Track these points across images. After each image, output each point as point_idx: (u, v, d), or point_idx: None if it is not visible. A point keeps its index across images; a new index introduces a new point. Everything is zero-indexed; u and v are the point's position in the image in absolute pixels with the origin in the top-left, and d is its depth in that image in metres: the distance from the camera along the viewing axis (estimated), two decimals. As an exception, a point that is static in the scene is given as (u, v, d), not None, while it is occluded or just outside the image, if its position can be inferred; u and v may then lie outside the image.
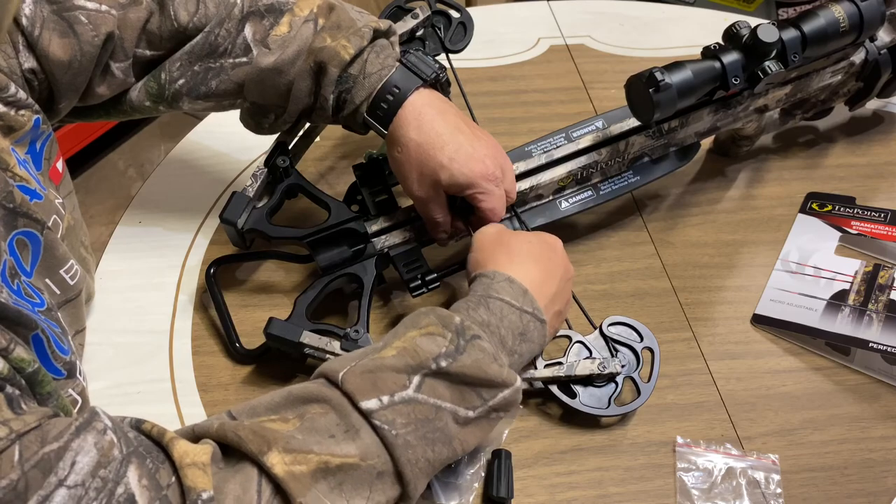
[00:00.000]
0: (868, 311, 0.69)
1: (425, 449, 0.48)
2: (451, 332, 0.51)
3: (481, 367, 0.50)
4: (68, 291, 0.60)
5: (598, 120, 0.76)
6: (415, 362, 0.50)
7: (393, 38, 0.66)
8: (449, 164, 0.61)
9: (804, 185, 0.83)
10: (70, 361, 0.54)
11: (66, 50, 0.58)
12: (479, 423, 0.52)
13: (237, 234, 0.67)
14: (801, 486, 0.60)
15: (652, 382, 0.63)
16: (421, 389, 0.49)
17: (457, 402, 0.50)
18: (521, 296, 0.55)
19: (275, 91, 0.64)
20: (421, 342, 0.51)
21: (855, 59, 0.79)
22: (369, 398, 0.48)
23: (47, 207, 0.58)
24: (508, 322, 0.54)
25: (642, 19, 1.06)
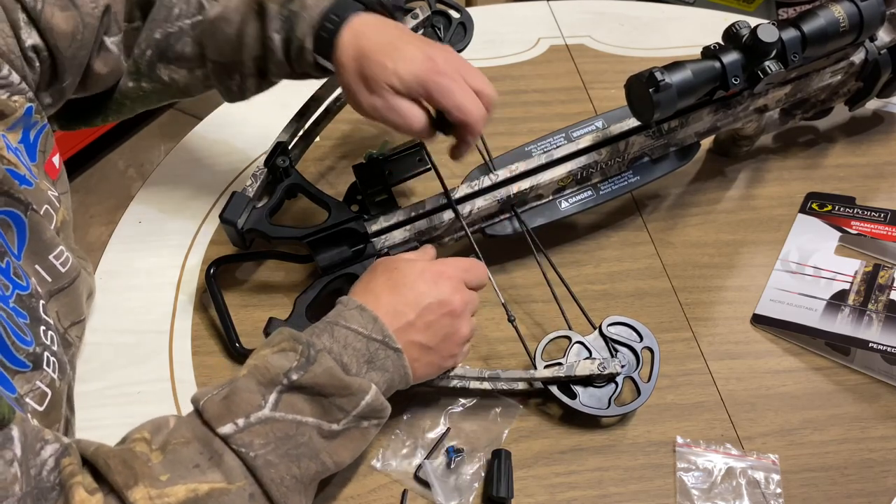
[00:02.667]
0: (868, 311, 0.69)
1: (289, 466, 0.48)
2: (301, 345, 0.51)
3: (334, 375, 0.50)
4: (60, 279, 0.60)
5: (598, 120, 0.76)
6: (266, 379, 0.49)
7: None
8: (394, 64, 0.57)
9: (804, 185, 0.83)
10: (34, 353, 0.53)
11: (69, 21, 0.59)
12: (349, 435, 0.52)
13: (237, 234, 0.67)
14: (801, 486, 0.60)
15: (652, 382, 0.63)
16: (278, 407, 0.49)
17: (318, 415, 0.50)
18: (370, 323, 0.54)
19: (228, 43, 0.64)
20: (272, 359, 0.50)
21: (855, 59, 0.79)
22: (225, 423, 0.47)
23: (38, 196, 0.58)
24: (353, 350, 0.52)
25: (642, 19, 1.06)
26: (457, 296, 0.57)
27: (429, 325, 0.56)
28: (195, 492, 0.45)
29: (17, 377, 0.51)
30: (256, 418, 0.48)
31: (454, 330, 0.58)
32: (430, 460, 0.60)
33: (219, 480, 0.46)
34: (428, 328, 0.56)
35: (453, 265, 0.59)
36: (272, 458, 0.48)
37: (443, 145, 0.87)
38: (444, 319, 0.57)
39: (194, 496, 0.45)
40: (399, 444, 0.61)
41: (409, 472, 0.60)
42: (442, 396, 0.64)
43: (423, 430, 0.62)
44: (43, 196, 0.59)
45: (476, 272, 0.61)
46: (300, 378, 0.49)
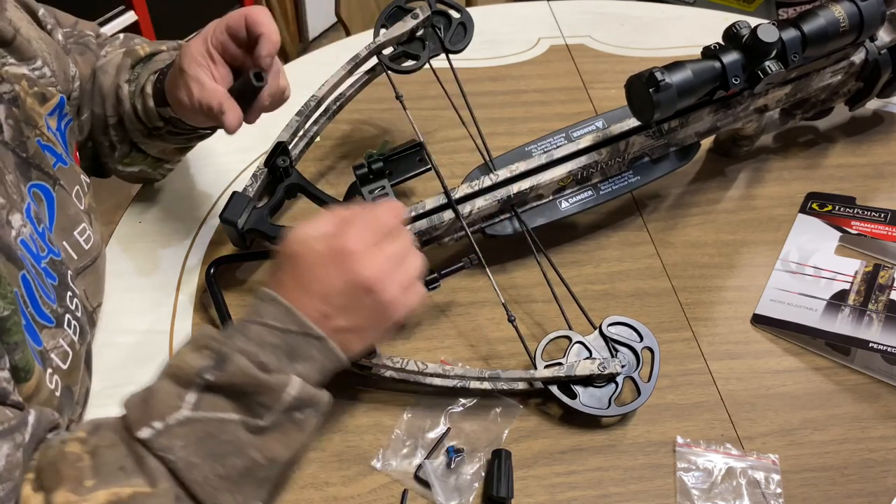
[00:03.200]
0: (868, 311, 0.69)
1: (213, 465, 0.47)
2: (216, 343, 0.49)
3: (248, 374, 0.48)
4: (84, 257, 0.63)
5: (598, 120, 0.76)
6: (181, 379, 0.48)
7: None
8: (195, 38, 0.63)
9: (804, 185, 0.83)
10: (57, 311, 0.55)
11: (87, 65, 0.71)
12: (280, 429, 0.50)
13: (237, 234, 0.67)
14: (801, 486, 0.60)
15: (652, 382, 0.63)
16: (200, 407, 0.48)
17: (242, 412, 0.48)
18: (284, 316, 0.51)
19: (99, 92, 0.71)
20: (188, 357, 0.49)
21: (855, 59, 0.79)
22: (143, 427, 0.47)
23: (72, 176, 0.64)
24: (270, 346, 0.50)
25: (642, 19, 1.06)
26: (367, 269, 0.52)
27: (345, 309, 0.52)
28: (117, 495, 0.45)
29: (43, 331, 0.53)
30: (175, 420, 0.47)
31: (380, 302, 0.53)
32: (430, 460, 0.60)
33: (142, 484, 0.45)
34: (346, 312, 0.52)
35: (354, 231, 0.53)
36: (194, 459, 0.47)
37: (443, 145, 0.87)
38: (362, 299, 0.53)
39: (116, 500, 0.45)
40: (399, 444, 0.61)
41: (409, 472, 0.60)
42: (442, 396, 0.64)
43: (423, 430, 0.62)
44: (76, 177, 0.64)
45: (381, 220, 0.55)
46: (215, 379, 0.48)
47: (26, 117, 0.59)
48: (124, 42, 0.76)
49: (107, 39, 0.77)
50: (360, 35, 1.08)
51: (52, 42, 0.66)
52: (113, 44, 0.75)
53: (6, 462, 0.43)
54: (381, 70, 0.76)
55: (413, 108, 0.73)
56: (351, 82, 0.77)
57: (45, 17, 0.66)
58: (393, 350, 0.68)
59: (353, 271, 0.52)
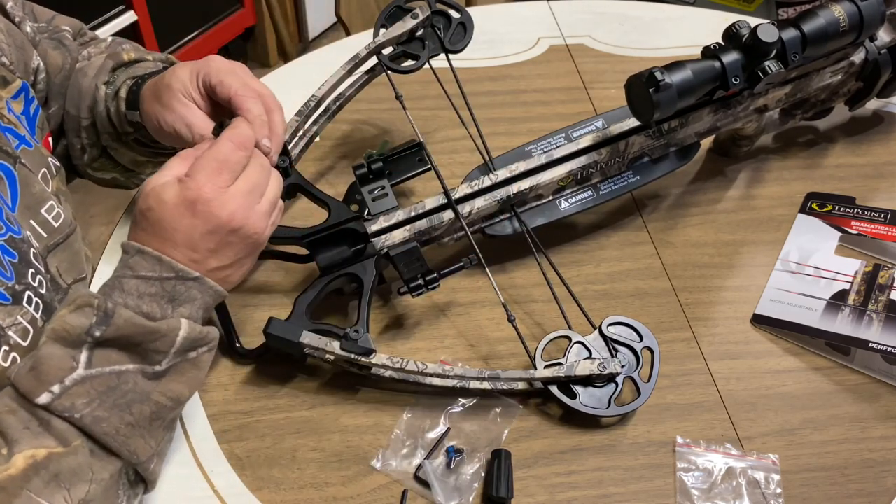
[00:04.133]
0: (868, 311, 0.69)
1: (121, 415, 0.49)
2: (97, 300, 0.49)
3: (136, 324, 0.49)
4: (54, 234, 0.63)
5: (598, 120, 0.76)
6: (69, 340, 0.49)
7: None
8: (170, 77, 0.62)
9: (804, 185, 0.83)
10: (13, 288, 0.55)
11: (59, 57, 0.70)
12: (178, 369, 0.52)
13: (237, 234, 0.67)
14: (801, 486, 0.60)
15: (652, 382, 0.63)
16: (92, 364, 0.49)
17: (138, 361, 0.50)
18: (156, 264, 0.52)
19: (77, 93, 0.71)
20: (70, 318, 0.49)
21: (855, 58, 0.79)
22: (40, 393, 0.47)
23: (38, 158, 0.63)
24: (149, 297, 0.52)
25: (642, 19, 1.06)
26: (225, 211, 0.53)
27: (215, 252, 0.54)
28: (34, 457, 0.46)
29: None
30: (72, 380, 0.48)
31: (246, 235, 0.55)
32: (430, 460, 0.60)
33: (54, 445, 0.47)
34: (216, 254, 0.54)
35: (204, 175, 0.53)
36: (100, 413, 0.48)
37: (443, 145, 0.87)
38: (228, 238, 0.54)
39: (33, 462, 0.45)
40: (399, 444, 0.61)
41: (409, 472, 0.60)
42: (442, 396, 0.64)
43: (423, 430, 0.62)
44: (42, 159, 0.64)
45: (230, 160, 0.54)
46: (104, 334, 0.49)
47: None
48: (111, 46, 0.75)
49: (91, 40, 0.77)
50: (360, 35, 1.08)
51: (17, 33, 0.65)
52: (98, 45, 0.75)
53: None
54: (380, 70, 0.76)
55: (413, 108, 0.73)
56: (351, 82, 0.77)
57: (14, 9, 0.67)
58: (393, 350, 0.68)
59: (212, 216, 0.53)
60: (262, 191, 0.56)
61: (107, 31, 1.75)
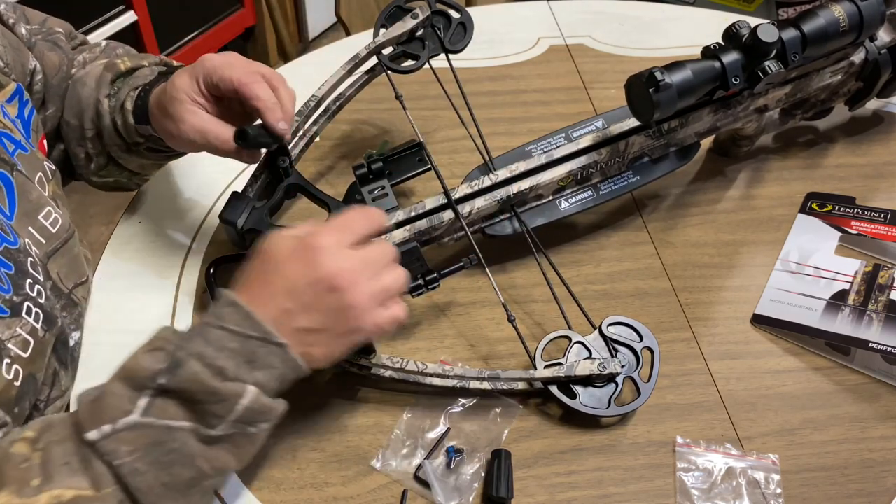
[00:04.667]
0: (868, 311, 0.69)
1: (158, 474, 0.46)
2: (172, 346, 0.48)
3: (200, 381, 0.47)
4: (53, 240, 0.63)
5: (598, 120, 0.76)
6: (135, 382, 0.47)
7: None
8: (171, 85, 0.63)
9: (804, 185, 0.83)
10: (11, 300, 0.54)
11: (56, 58, 0.70)
12: (231, 440, 0.49)
13: (237, 234, 0.67)
14: (801, 486, 0.60)
15: (652, 382, 0.63)
16: (150, 412, 0.47)
17: (194, 420, 0.47)
18: (243, 320, 0.49)
19: (76, 104, 0.71)
20: (142, 359, 0.48)
21: (855, 58, 0.79)
22: (91, 428, 0.46)
23: (33, 162, 0.63)
24: (228, 352, 0.48)
25: (642, 19, 1.06)
26: (335, 266, 0.51)
27: (309, 307, 0.50)
28: (58, 499, 0.44)
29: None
30: (124, 424, 0.46)
31: (344, 303, 0.51)
32: (430, 460, 0.60)
33: (86, 487, 0.45)
34: (309, 309, 0.50)
35: (327, 229, 0.52)
36: (139, 466, 0.46)
37: (443, 145, 0.87)
38: (326, 297, 0.50)
39: (56, 503, 0.44)
40: (399, 444, 0.61)
41: (409, 472, 0.60)
42: (442, 396, 0.64)
43: (423, 430, 0.62)
44: (38, 164, 0.64)
45: (357, 224, 0.54)
46: (167, 383, 0.47)
47: None
48: (105, 51, 0.75)
49: (82, 43, 0.77)
50: (360, 35, 1.08)
51: (11, 36, 0.65)
52: (93, 51, 0.75)
53: None
54: (380, 70, 0.76)
55: (413, 108, 0.73)
56: (351, 82, 0.77)
57: (7, 11, 0.67)
58: (393, 350, 0.68)
59: (317, 265, 0.50)
60: (377, 271, 0.53)
61: (107, 32, 1.75)
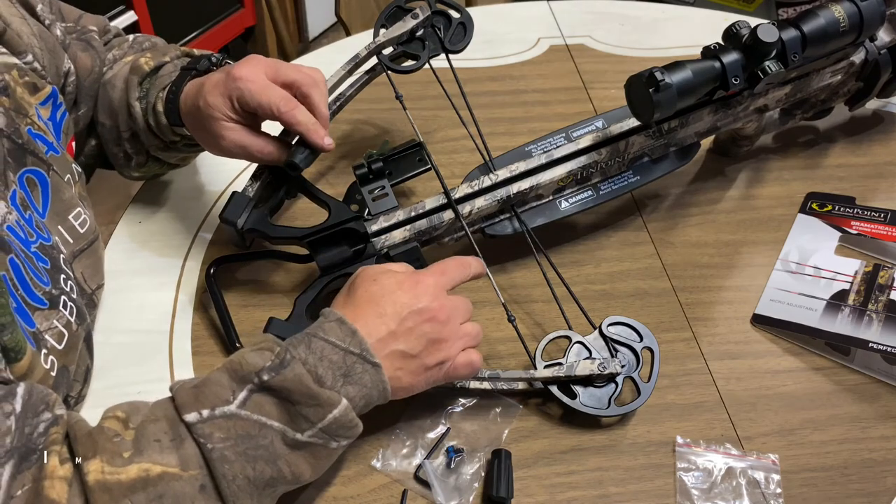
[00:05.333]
0: (868, 311, 0.69)
1: (244, 465, 0.48)
2: (279, 347, 0.51)
3: (303, 382, 0.50)
4: (80, 240, 0.64)
5: (598, 120, 0.76)
6: (238, 375, 0.50)
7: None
8: (203, 101, 0.63)
9: (804, 185, 0.83)
10: (51, 293, 0.56)
11: (88, 59, 0.71)
12: (313, 450, 0.51)
13: (237, 234, 0.67)
14: (801, 486, 0.60)
15: (652, 382, 0.63)
16: (246, 405, 0.49)
17: (285, 421, 0.50)
18: (348, 336, 0.53)
19: (107, 106, 0.72)
20: (248, 356, 0.51)
21: (855, 59, 0.79)
22: (191, 411, 0.48)
23: (63, 164, 0.64)
24: (329, 362, 0.52)
25: (642, 19, 1.06)
26: (436, 302, 0.57)
27: (410, 332, 0.55)
28: (147, 472, 0.46)
29: (36, 313, 0.54)
30: (221, 412, 0.49)
31: (439, 335, 0.56)
32: (430, 460, 0.60)
33: (173, 465, 0.47)
34: (409, 335, 0.56)
35: (430, 272, 0.59)
36: (229, 454, 0.48)
37: (443, 145, 0.87)
38: (425, 325, 0.56)
39: (145, 476, 0.46)
40: (399, 444, 0.61)
41: (409, 472, 0.60)
42: (442, 396, 0.64)
43: (423, 430, 0.62)
44: (67, 165, 0.65)
45: (454, 272, 0.60)
46: (270, 379, 0.50)
47: (17, 106, 0.59)
48: (133, 46, 0.77)
49: (115, 36, 0.78)
50: (360, 35, 1.08)
51: (49, 36, 0.66)
52: (122, 46, 0.76)
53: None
54: (380, 70, 0.76)
55: (413, 108, 0.73)
56: (351, 82, 0.77)
57: (44, 11, 0.67)
58: (393, 350, 0.68)
59: (422, 296, 0.57)
60: (466, 318, 0.59)
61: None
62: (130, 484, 0.45)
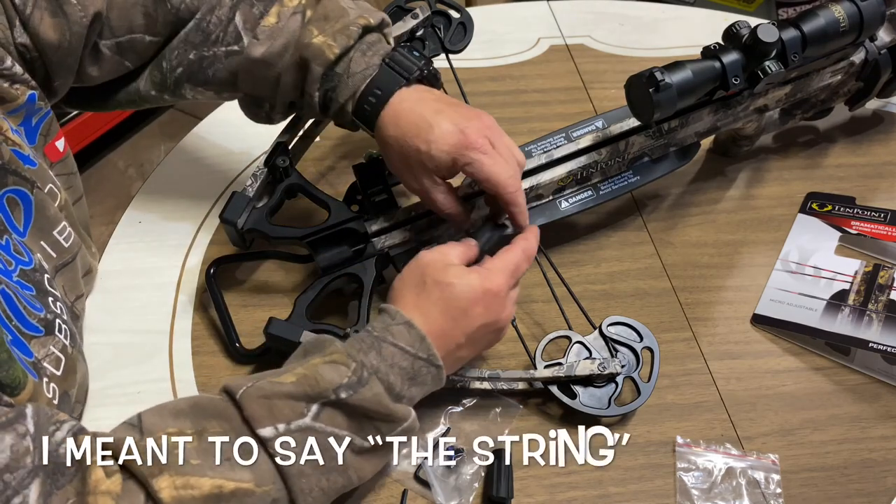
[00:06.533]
0: (868, 311, 0.69)
1: (319, 478, 0.48)
2: (354, 363, 0.51)
3: (381, 402, 0.50)
4: (64, 254, 0.62)
5: (598, 120, 0.76)
6: (314, 392, 0.49)
7: (386, 30, 0.66)
8: (427, 146, 0.59)
9: (804, 185, 0.83)
10: (46, 319, 0.55)
11: (56, 30, 0.58)
12: (376, 453, 0.52)
13: (237, 234, 0.67)
14: (801, 486, 0.60)
15: (652, 382, 0.63)
16: (319, 418, 0.49)
17: (354, 431, 0.50)
18: (417, 342, 0.53)
19: (265, 83, 0.65)
20: (323, 370, 0.50)
21: (855, 58, 0.79)
22: (265, 425, 0.47)
23: (42, 176, 0.60)
24: (399, 369, 0.52)
25: (642, 19, 1.06)
26: (505, 312, 0.58)
27: (475, 342, 0.57)
28: (220, 488, 0.45)
29: (32, 342, 0.53)
30: (297, 426, 0.48)
31: (496, 339, 0.60)
32: (430, 460, 0.60)
33: (246, 480, 0.46)
34: (473, 344, 0.57)
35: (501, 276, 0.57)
36: (305, 469, 0.48)
37: (443, 145, 0.87)
38: (489, 335, 0.58)
39: (219, 492, 0.45)
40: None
41: (409, 472, 0.60)
42: (442, 396, 0.64)
43: (423, 430, 0.62)
44: (46, 176, 0.61)
45: (524, 269, 0.60)
46: (349, 398, 0.49)
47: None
48: (290, 22, 0.63)
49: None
50: (360, 35, 1.07)
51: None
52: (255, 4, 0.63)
53: (11, 452, 0.42)
54: (381, 70, 0.76)
55: (413, 108, 0.72)
56: (351, 82, 0.77)
57: None
58: (393, 350, 0.68)
59: (494, 313, 0.57)
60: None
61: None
62: (203, 499, 0.45)
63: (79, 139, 1.76)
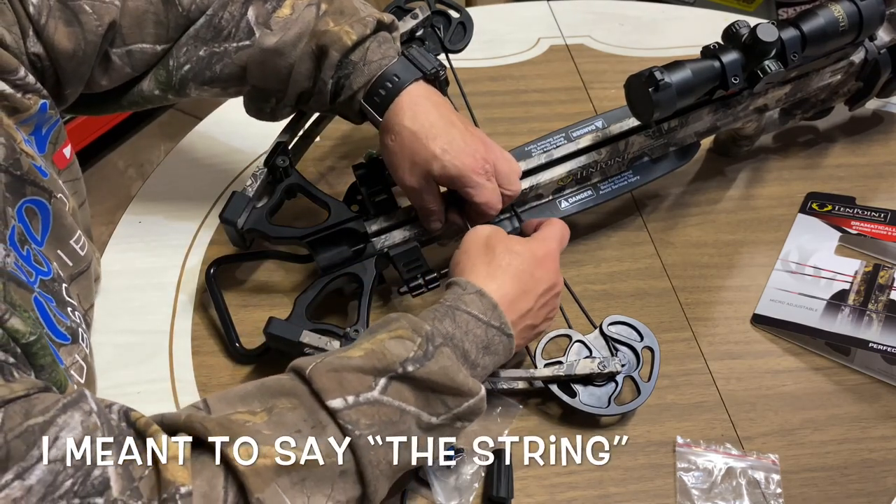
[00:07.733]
0: (868, 311, 0.69)
1: (387, 451, 0.48)
2: (420, 338, 0.51)
3: (448, 375, 0.50)
4: (80, 263, 0.62)
5: (597, 120, 0.76)
6: (381, 365, 0.50)
7: (395, 34, 0.67)
8: (441, 154, 0.61)
9: (804, 185, 0.83)
10: (71, 327, 0.55)
11: (71, 40, 0.58)
12: (442, 430, 0.52)
13: (237, 234, 0.67)
14: (801, 486, 0.60)
15: (652, 382, 0.63)
16: (387, 392, 0.49)
17: (421, 406, 0.50)
18: (489, 310, 0.55)
19: (275, 74, 0.64)
20: (390, 345, 0.50)
21: (854, 58, 0.79)
22: (335, 397, 0.48)
23: (54, 185, 0.60)
24: (473, 336, 0.53)
25: (642, 19, 1.06)
26: (559, 276, 0.61)
27: (542, 308, 0.59)
28: (292, 458, 0.45)
29: (61, 349, 0.53)
30: (365, 398, 0.48)
31: (555, 304, 0.61)
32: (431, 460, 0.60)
33: (316, 451, 0.46)
34: (540, 310, 0.59)
35: (554, 239, 0.62)
36: (374, 441, 0.48)
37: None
38: (553, 300, 0.60)
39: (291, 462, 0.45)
40: (399, 443, 0.61)
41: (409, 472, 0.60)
42: (442, 396, 0.64)
43: (423, 429, 0.62)
44: (57, 185, 0.61)
45: (565, 238, 0.63)
46: (415, 371, 0.50)
47: (7, 135, 0.54)
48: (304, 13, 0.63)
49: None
50: (360, 35, 1.07)
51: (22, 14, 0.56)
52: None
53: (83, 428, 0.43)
54: (380, 70, 0.76)
55: (413, 108, 0.72)
56: (351, 82, 0.77)
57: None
58: (393, 350, 0.68)
59: (554, 274, 0.60)
60: None
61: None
62: (276, 468, 0.45)
63: (79, 139, 1.76)
